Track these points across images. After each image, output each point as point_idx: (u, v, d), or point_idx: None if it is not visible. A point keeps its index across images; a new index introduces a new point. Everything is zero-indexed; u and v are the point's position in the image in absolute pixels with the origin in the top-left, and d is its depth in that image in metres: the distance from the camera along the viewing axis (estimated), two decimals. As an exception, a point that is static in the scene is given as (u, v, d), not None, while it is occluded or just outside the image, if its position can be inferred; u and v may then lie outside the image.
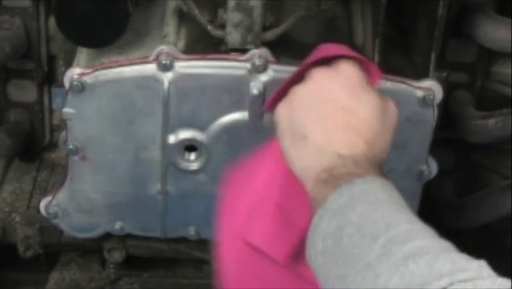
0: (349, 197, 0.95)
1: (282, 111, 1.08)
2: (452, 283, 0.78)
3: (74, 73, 1.32)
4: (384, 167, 1.04)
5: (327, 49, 1.12)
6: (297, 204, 1.07)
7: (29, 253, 1.62)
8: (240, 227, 1.12)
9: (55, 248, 1.67)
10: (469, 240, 1.62)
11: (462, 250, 0.86)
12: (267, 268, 1.11)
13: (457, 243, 0.87)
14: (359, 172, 0.98)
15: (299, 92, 1.07)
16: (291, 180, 1.07)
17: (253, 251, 1.10)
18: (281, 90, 1.10)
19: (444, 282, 0.78)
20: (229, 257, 1.14)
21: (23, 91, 1.60)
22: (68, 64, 1.41)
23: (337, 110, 1.03)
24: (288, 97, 1.08)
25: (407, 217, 0.91)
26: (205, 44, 1.35)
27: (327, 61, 1.08)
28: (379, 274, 0.84)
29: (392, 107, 1.06)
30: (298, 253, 1.05)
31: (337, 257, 0.91)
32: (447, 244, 0.86)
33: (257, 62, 1.29)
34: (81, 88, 1.31)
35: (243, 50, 1.31)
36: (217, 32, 1.32)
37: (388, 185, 0.98)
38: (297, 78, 1.09)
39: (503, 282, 0.77)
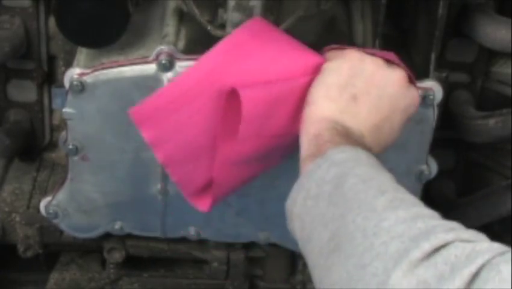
0: (353, 155, 0.98)
1: (345, 64, 1.13)
2: (454, 240, 0.79)
3: (74, 73, 1.32)
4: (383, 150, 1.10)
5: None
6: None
7: (29, 253, 1.62)
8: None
9: (55, 248, 1.67)
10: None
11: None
12: None
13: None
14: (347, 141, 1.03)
15: (352, 57, 1.13)
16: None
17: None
18: None
19: (450, 237, 0.79)
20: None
21: (23, 91, 1.60)
22: (68, 64, 1.41)
23: (390, 102, 1.11)
24: (345, 53, 1.14)
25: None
26: (205, 44, 1.35)
27: None
28: (384, 218, 0.84)
29: (413, 94, 1.16)
30: None
31: (336, 199, 0.92)
32: (452, 224, 0.86)
33: (257, 62, 1.29)
34: (81, 88, 1.31)
35: (243, 50, 1.30)
36: (217, 32, 1.32)
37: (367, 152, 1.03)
38: None
39: (501, 246, 0.79)
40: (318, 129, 1.05)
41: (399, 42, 1.53)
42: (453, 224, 0.84)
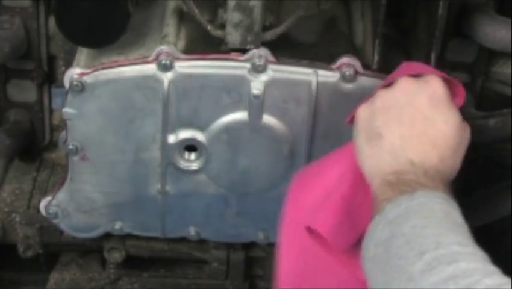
0: (405, 207, 0.96)
1: (363, 110, 1.11)
2: None
3: (74, 73, 1.32)
4: (450, 185, 1.05)
5: (414, 66, 1.15)
6: (362, 204, 1.09)
7: (29, 253, 1.62)
8: (306, 215, 1.14)
9: (55, 248, 1.67)
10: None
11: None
12: (326, 261, 1.13)
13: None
14: (427, 183, 0.99)
15: (383, 94, 1.09)
16: (360, 180, 1.09)
17: (314, 240, 1.12)
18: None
19: None
20: (290, 249, 1.16)
21: (23, 91, 1.60)
22: (68, 64, 1.41)
23: (417, 117, 1.05)
24: (372, 98, 1.10)
25: (460, 238, 0.91)
26: (205, 44, 1.35)
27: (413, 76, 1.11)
28: (420, 286, 0.84)
29: (468, 132, 1.10)
30: (355, 251, 1.07)
31: (384, 265, 0.92)
32: (493, 268, 0.85)
33: (257, 62, 1.29)
34: (81, 88, 1.31)
35: (243, 50, 1.31)
36: (217, 32, 1.32)
37: (450, 203, 0.98)
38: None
39: None
40: (373, 190, 1.05)
41: (399, 42, 1.53)
42: (492, 281, 0.82)
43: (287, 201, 1.19)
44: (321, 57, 1.33)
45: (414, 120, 1.05)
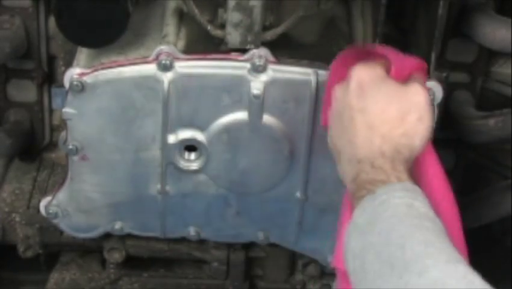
0: (370, 212, 0.97)
1: (330, 134, 1.14)
2: None
3: (74, 73, 1.32)
4: (415, 148, 1.04)
5: (348, 57, 1.18)
6: None
7: (29, 253, 1.62)
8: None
9: (55, 248, 1.67)
10: (469, 240, 1.62)
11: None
12: None
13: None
14: (379, 176, 1.00)
15: (331, 114, 1.13)
16: None
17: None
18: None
19: None
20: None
21: (23, 91, 1.60)
22: (68, 64, 1.41)
23: (352, 115, 1.06)
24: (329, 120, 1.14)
25: (423, 234, 0.91)
26: (205, 44, 1.35)
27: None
28: None
29: (415, 90, 1.06)
30: None
31: (364, 282, 0.93)
32: (464, 269, 0.85)
33: (257, 62, 1.29)
34: (81, 88, 1.31)
35: (243, 50, 1.31)
36: (217, 32, 1.32)
37: (411, 192, 0.98)
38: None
39: None
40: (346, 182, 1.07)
41: (399, 42, 1.53)
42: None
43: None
44: (321, 57, 1.33)
45: (351, 119, 1.06)
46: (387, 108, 1.04)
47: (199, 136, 1.36)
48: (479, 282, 0.83)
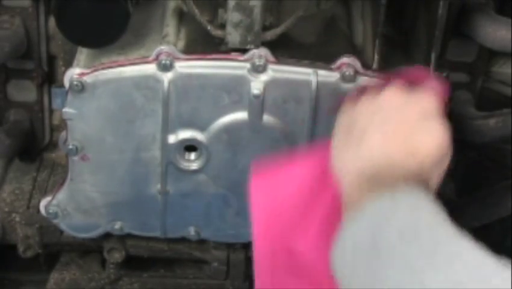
0: (390, 200, 0.94)
1: (348, 111, 1.10)
2: None
3: (74, 73, 1.32)
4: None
5: (411, 73, 1.13)
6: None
7: (29, 253, 1.62)
8: (284, 232, 1.11)
9: (55, 248, 1.67)
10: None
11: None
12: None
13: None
14: (403, 186, 0.97)
15: (370, 98, 1.09)
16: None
17: (293, 257, 1.10)
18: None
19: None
20: (265, 263, 1.14)
21: (23, 91, 1.60)
22: (68, 64, 1.41)
23: (403, 125, 1.03)
24: (358, 99, 1.10)
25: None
26: (205, 44, 1.35)
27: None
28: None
29: (450, 152, 1.07)
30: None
31: (373, 259, 0.89)
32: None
33: (257, 62, 1.29)
34: (81, 88, 1.31)
35: (243, 50, 1.31)
36: (217, 32, 1.32)
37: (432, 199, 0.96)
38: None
39: None
40: (345, 188, 1.03)
41: (399, 42, 1.53)
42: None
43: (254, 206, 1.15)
44: (321, 57, 1.33)
45: (399, 126, 1.03)
46: (433, 147, 1.03)
47: (199, 136, 1.36)
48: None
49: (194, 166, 1.40)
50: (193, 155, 1.39)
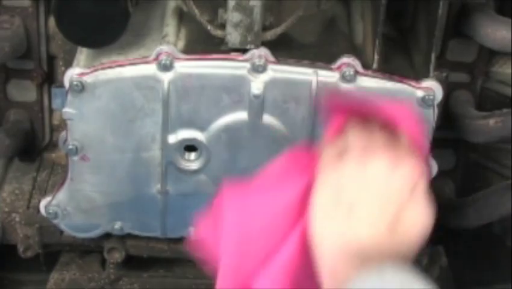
0: (379, 280, 0.92)
1: (332, 174, 1.04)
2: None
3: (74, 73, 1.32)
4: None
5: (389, 110, 1.05)
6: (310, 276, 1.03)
7: (29, 253, 1.62)
8: (250, 272, 1.10)
9: (55, 248, 1.67)
10: (469, 240, 1.62)
11: (462, 250, 0.85)
12: None
13: (457, 243, 0.86)
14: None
15: (354, 165, 1.03)
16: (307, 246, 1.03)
17: None
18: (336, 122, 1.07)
19: None
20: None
21: (23, 91, 1.60)
22: (68, 64, 1.41)
23: (390, 204, 1.00)
24: (340, 166, 1.03)
25: None
26: (205, 44, 1.35)
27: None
28: None
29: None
30: None
31: None
32: None
33: (257, 62, 1.29)
34: (80, 88, 1.31)
35: (243, 50, 1.31)
36: (217, 32, 1.32)
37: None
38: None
39: None
40: (330, 260, 1.00)
41: (399, 42, 1.53)
42: None
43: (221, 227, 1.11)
44: (321, 57, 1.33)
45: (387, 207, 1.00)
46: (421, 227, 1.00)
47: (199, 136, 1.36)
48: None
49: (194, 166, 1.40)
50: (193, 155, 1.39)
